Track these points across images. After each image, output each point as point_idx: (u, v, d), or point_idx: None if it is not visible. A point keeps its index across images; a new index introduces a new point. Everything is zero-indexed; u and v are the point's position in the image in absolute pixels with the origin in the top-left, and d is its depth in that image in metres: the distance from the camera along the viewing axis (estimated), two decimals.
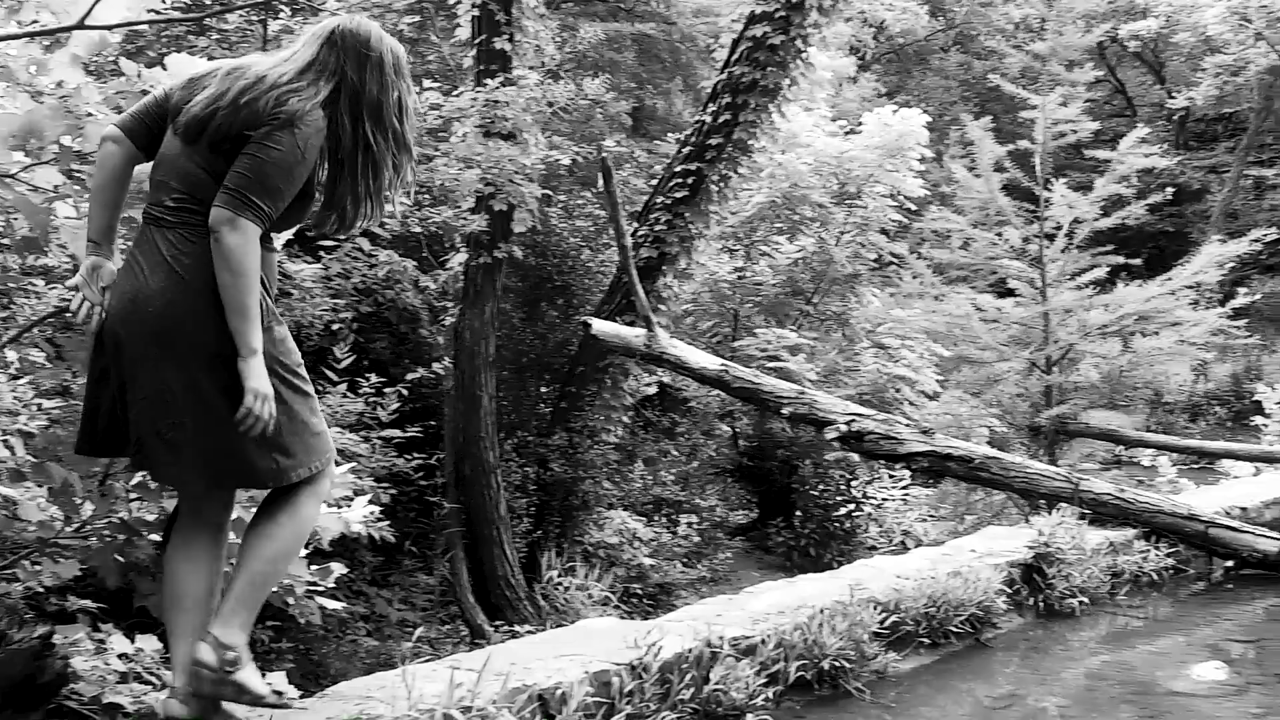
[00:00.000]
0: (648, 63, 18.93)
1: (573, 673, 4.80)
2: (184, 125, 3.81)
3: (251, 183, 3.69)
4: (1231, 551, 8.76)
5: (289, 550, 3.99)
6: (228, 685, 3.78)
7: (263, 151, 3.71)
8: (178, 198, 3.81)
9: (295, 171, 3.80)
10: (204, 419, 3.72)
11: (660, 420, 13.67)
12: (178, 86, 3.94)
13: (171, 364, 3.72)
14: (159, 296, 3.73)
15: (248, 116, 3.74)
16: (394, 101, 4.04)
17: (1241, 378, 27.11)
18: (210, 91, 3.81)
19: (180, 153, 3.84)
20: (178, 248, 3.76)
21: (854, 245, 14.62)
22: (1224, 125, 40.19)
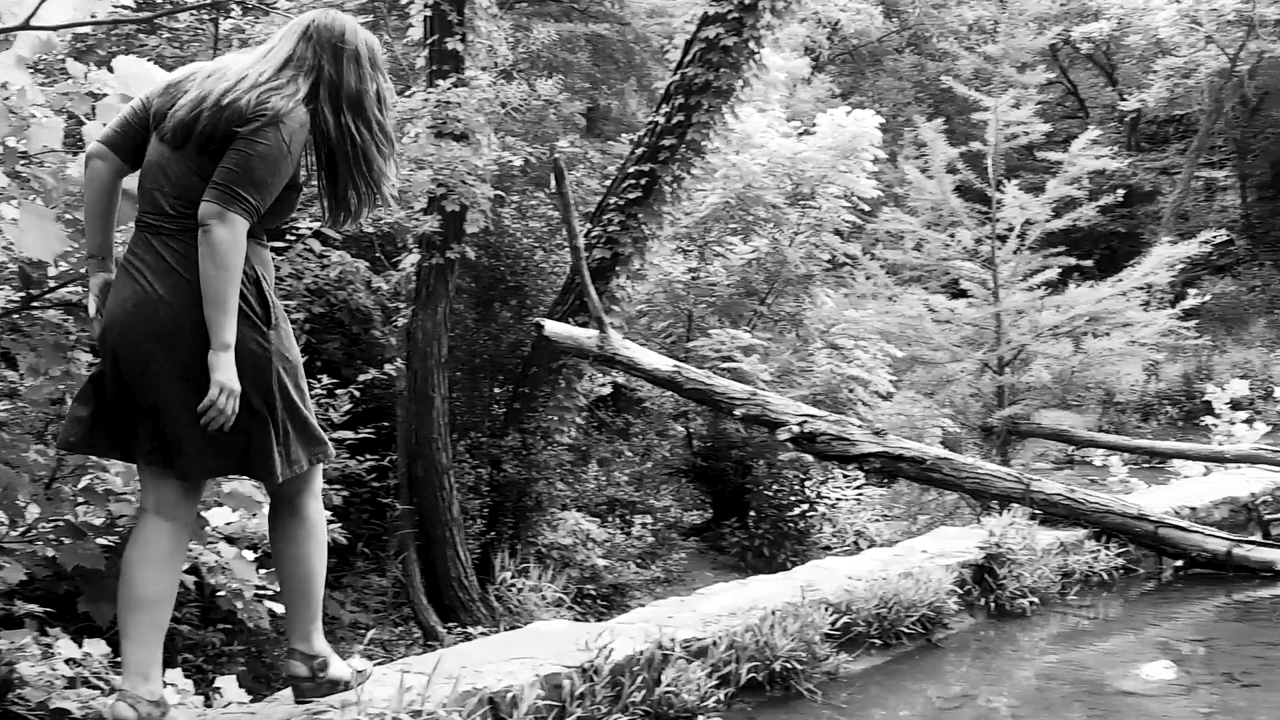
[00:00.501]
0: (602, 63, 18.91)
1: (524, 675, 4.79)
2: (170, 131, 3.87)
3: (239, 177, 3.74)
4: (1181, 551, 8.82)
5: (320, 555, 4.17)
6: (324, 685, 4.16)
7: (249, 147, 3.76)
8: (174, 204, 3.86)
9: (280, 165, 3.84)
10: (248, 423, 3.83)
11: (614, 421, 13.66)
12: (156, 93, 4.00)
13: (182, 365, 3.79)
14: (166, 300, 3.81)
15: (231, 116, 3.78)
16: (373, 93, 4.09)
17: (1193, 378, 27.32)
18: (192, 95, 3.87)
19: (170, 159, 3.89)
20: (182, 253, 3.82)
21: (808, 246, 14.64)
22: (1175, 127, 40.50)
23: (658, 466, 13.59)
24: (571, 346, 8.69)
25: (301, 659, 4.17)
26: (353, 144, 4.05)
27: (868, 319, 14.60)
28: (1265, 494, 10.73)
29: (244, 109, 3.80)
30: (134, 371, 3.84)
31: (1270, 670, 6.51)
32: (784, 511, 13.51)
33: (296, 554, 4.14)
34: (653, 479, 13.37)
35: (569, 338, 8.57)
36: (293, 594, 4.19)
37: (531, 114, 12.50)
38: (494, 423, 11.16)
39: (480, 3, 9.35)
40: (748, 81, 10.10)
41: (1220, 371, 26.53)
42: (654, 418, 13.89)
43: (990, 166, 13.79)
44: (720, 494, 14.27)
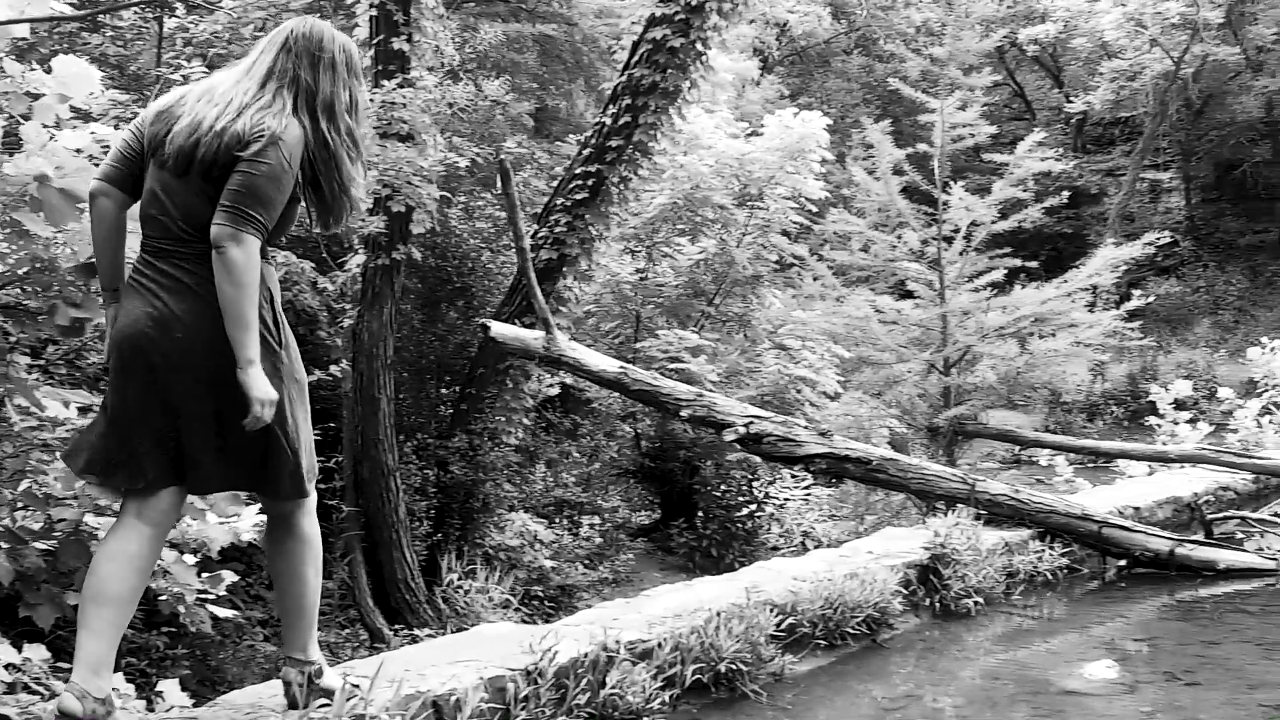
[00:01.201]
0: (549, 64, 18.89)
1: (468, 679, 4.78)
2: (172, 158, 3.98)
3: (246, 197, 3.85)
4: (1125, 551, 8.90)
5: (315, 569, 4.29)
6: (317, 692, 4.27)
7: (253, 168, 3.87)
8: (182, 229, 3.98)
9: (284, 182, 3.96)
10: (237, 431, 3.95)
11: (562, 422, 13.64)
12: (147, 121, 4.12)
13: (199, 383, 3.94)
14: (180, 319, 3.92)
15: (230, 142, 3.90)
16: (345, 99, 4.22)
17: (1138, 378, 27.55)
18: (186, 121, 3.99)
19: (173, 186, 4.00)
20: (194, 275, 3.95)
21: (755, 247, 14.66)
22: (1120, 129, 40.83)
23: (605, 467, 13.58)
24: (518, 348, 8.68)
25: (297, 666, 4.29)
26: (324, 148, 4.15)
27: (815, 320, 14.62)
28: (1208, 493, 10.83)
29: (242, 134, 3.91)
30: (148, 388, 3.94)
31: (1212, 669, 6.57)
32: (732, 512, 13.52)
33: (293, 569, 4.25)
34: (600, 480, 13.36)
35: (515, 339, 8.56)
36: (289, 606, 4.29)
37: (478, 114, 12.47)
38: (441, 424, 11.12)
39: (427, 3, 9.31)
40: (695, 83, 10.09)
41: (1165, 371, 26.74)
42: (602, 418, 13.87)
43: (936, 168, 13.86)
44: (668, 494, 14.28)
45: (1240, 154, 37.44)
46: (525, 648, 5.12)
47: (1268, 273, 35.63)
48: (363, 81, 4.40)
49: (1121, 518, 9.34)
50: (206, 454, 4.00)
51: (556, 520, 12.48)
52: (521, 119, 15.93)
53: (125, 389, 4.00)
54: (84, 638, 3.88)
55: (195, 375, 3.94)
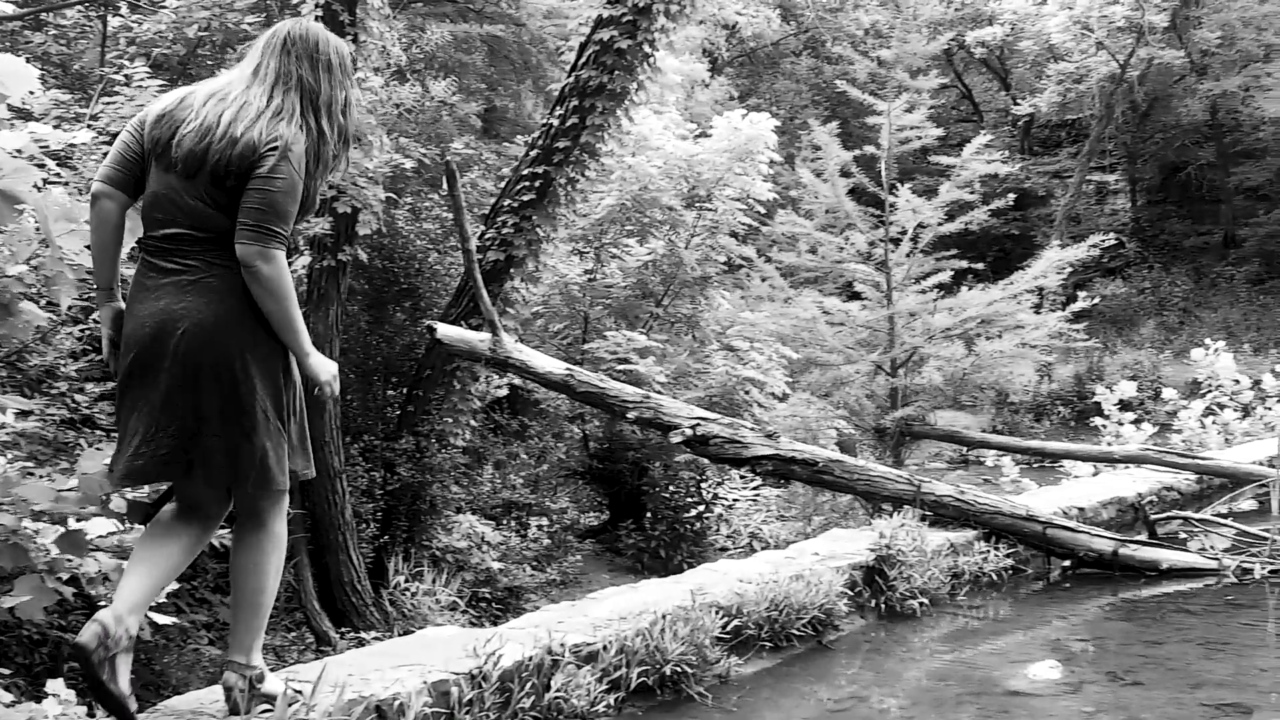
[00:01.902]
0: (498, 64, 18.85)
1: (411, 683, 4.76)
2: (182, 161, 4.11)
3: (268, 214, 4.04)
4: (1069, 551, 8.95)
5: (275, 570, 4.35)
6: (259, 698, 4.29)
7: (269, 185, 4.04)
8: (189, 232, 4.13)
9: (298, 191, 4.14)
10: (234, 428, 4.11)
11: (510, 423, 13.61)
12: (148, 124, 4.24)
13: (208, 379, 4.07)
14: (188, 318, 4.06)
15: (245, 150, 4.06)
16: (342, 98, 4.41)
17: (1084, 378, 27.73)
18: (196, 125, 4.13)
19: (179, 188, 4.13)
20: (200, 273, 4.11)
21: (704, 248, 14.67)
22: (1067, 131, 41.13)
23: (554, 468, 13.56)
24: (464, 350, 8.66)
25: (239, 671, 4.30)
26: (323, 147, 4.33)
27: (763, 321, 14.65)
28: (1151, 494, 10.92)
29: (257, 141, 4.08)
30: (160, 386, 4.08)
31: (1153, 669, 6.61)
32: (680, 513, 13.52)
33: (254, 563, 4.31)
34: (549, 481, 13.34)
35: (462, 341, 8.54)
36: (242, 604, 4.33)
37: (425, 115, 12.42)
38: (388, 426, 11.08)
39: (373, 3, 9.25)
40: (642, 84, 10.08)
41: (1111, 372, 26.91)
42: (550, 420, 13.85)
43: (883, 170, 13.92)
44: (617, 495, 14.27)
45: (1185, 156, 37.79)
46: (469, 651, 5.10)
47: (1212, 274, 35.96)
48: (354, 81, 4.64)
49: (1066, 518, 9.41)
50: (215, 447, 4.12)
51: (504, 522, 12.45)
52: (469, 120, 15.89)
53: (143, 392, 4.12)
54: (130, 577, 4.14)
55: (187, 369, 4.06)
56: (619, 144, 10.97)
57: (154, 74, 8.18)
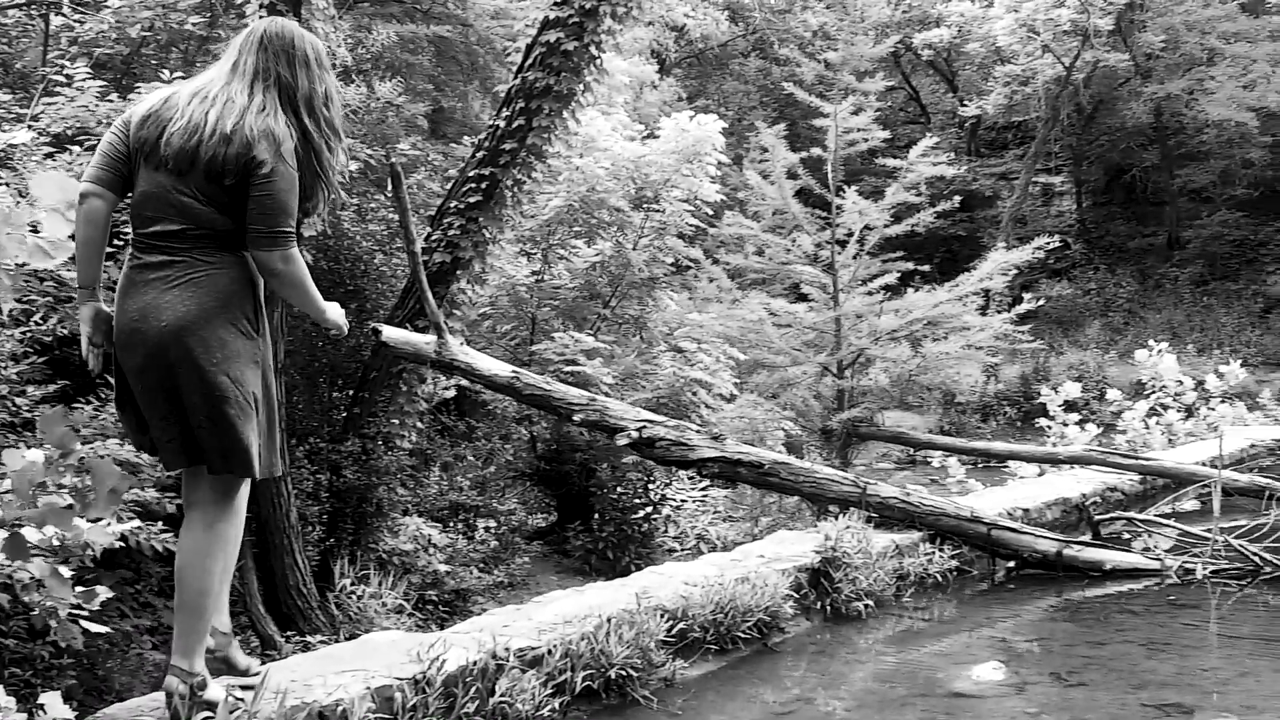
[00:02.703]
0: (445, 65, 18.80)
1: (355, 689, 4.75)
2: (172, 159, 4.33)
3: (274, 217, 4.32)
4: (1013, 552, 9.02)
5: (222, 571, 4.50)
6: (200, 705, 4.32)
7: (269, 187, 4.31)
8: (180, 228, 4.35)
9: (295, 183, 4.41)
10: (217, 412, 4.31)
11: (457, 425, 13.56)
12: (133, 125, 4.45)
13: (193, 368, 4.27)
14: (169, 311, 4.28)
15: (240, 146, 4.30)
16: (322, 92, 4.63)
17: (1030, 379, 27.90)
18: (183, 123, 4.35)
19: (169, 186, 4.35)
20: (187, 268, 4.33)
21: (652, 249, 14.66)
22: (1014, 133, 41.42)
23: (501, 470, 13.51)
24: (409, 352, 8.62)
25: (181, 676, 4.34)
26: (306, 139, 4.52)
27: (711, 322, 14.66)
28: (1095, 494, 11.01)
29: (250, 137, 4.32)
30: (150, 377, 4.31)
31: (1097, 669, 6.67)
32: (628, 514, 13.50)
33: (199, 564, 4.40)
34: (496, 483, 13.29)
35: (406, 343, 8.51)
36: (184, 606, 4.40)
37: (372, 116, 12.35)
38: (333, 428, 11.00)
39: (317, 3, 9.19)
40: (589, 86, 10.05)
41: (1057, 373, 27.10)
42: (498, 421, 13.80)
43: (830, 172, 13.96)
44: (565, 497, 14.24)
45: (1130, 159, 38.10)
46: (413, 656, 5.10)
47: (1156, 275, 36.25)
48: (331, 74, 4.79)
49: (1010, 519, 9.47)
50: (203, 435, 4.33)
51: (451, 524, 12.40)
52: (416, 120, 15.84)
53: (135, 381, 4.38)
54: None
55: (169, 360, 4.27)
56: (566, 146, 10.93)
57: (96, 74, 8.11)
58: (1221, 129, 32.52)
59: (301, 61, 4.58)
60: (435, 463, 12.59)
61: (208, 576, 4.40)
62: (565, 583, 11.14)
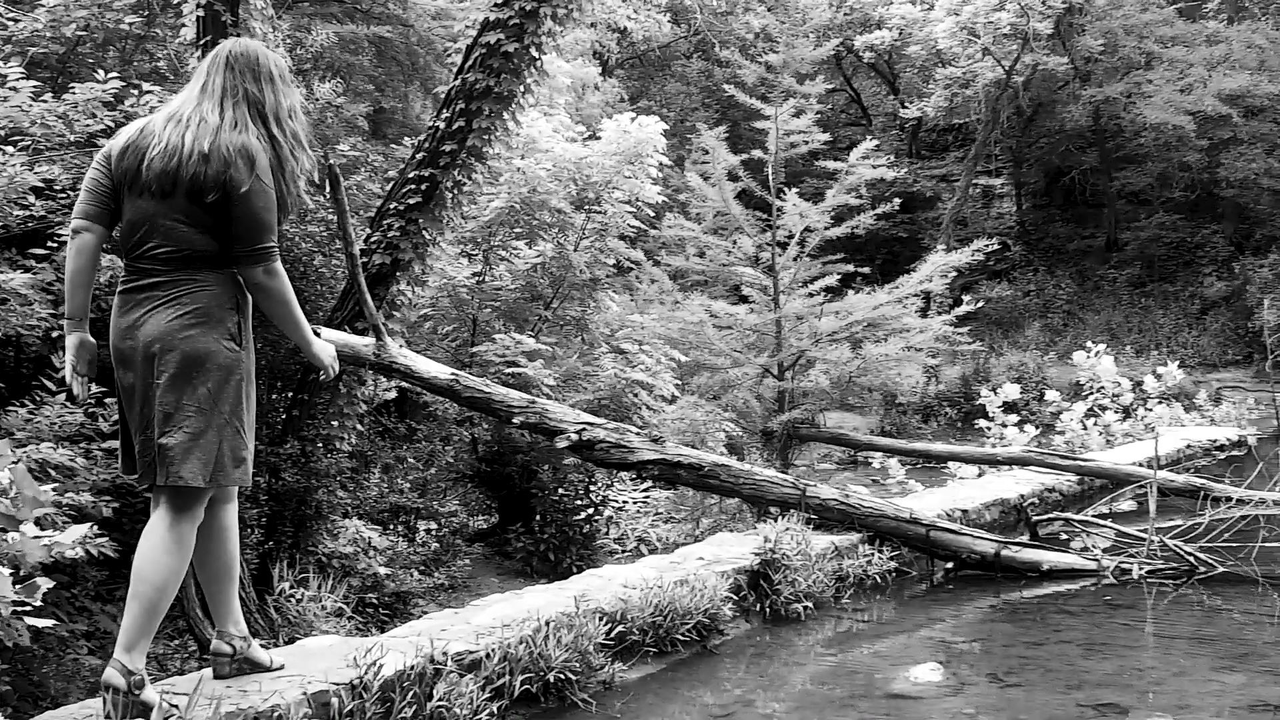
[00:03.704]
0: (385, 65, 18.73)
1: (291, 694, 4.73)
2: (155, 182, 4.54)
3: (256, 232, 4.57)
4: (952, 553, 9.08)
5: (176, 574, 4.62)
6: (136, 704, 4.36)
7: (248, 205, 4.53)
8: (167, 251, 4.56)
9: (272, 199, 4.64)
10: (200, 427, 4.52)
11: (398, 427, 13.51)
12: (114, 158, 4.66)
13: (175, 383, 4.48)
14: (154, 325, 4.50)
15: (218, 164, 4.51)
16: (287, 105, 4.85)
17: (970, 380, 28.05)
18: (162, 147, 4.56)
19: (155, 211, 4.56)
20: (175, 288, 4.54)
21: (593, 251, 14.64)
22: (954, 135, 41.65)
23: (442, 472, 13.46)
24: (348, 354, 8.58)
25: (123, 671, 4.40)
26: (276, 151, 4.74)
27: (652, 324, 14.67)
28: (1033, 495, 11.10)
29: (227, 155, 4.52)
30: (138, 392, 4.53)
31: (1034, 669, 6.72)
32: (569, 516, 13.48)
33: (158, 561, 4.55)
34: (437, 485, 13.24)
35: (345, 345, 8.46)
36: (136, 598, 4.53)
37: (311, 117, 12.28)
38: (273, 430, 10.93)
39: (255, 3, 9.14)
40: (529, 88, 10.02)
41: (997, 374, 27.27)
42: (439, 423, 13.76)
43: (771, 174, 13.99)
44: (506, 499, 14.20)
45: (1069, 161, 38.37)
46: (350, 661, 5.08)
47: (1095, 277, 36.55)
48: (295, 88, 5.02)
49: (950, 520, 9.53)
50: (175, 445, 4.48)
51: (392, 527, 12.35)
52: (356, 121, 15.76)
53: (127, 395, 4.61)
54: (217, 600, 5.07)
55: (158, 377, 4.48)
56: (506, 147, 10.90)
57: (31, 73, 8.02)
58: (1159, 132, 32.78)
59: (267, 77, 4.80)
60: (376, 465, 12.54)
61: (165, 572, 4.56)
62: (506, 584, 11.13)
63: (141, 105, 7.90)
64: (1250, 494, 10.42)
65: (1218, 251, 34.84)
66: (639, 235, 16.25)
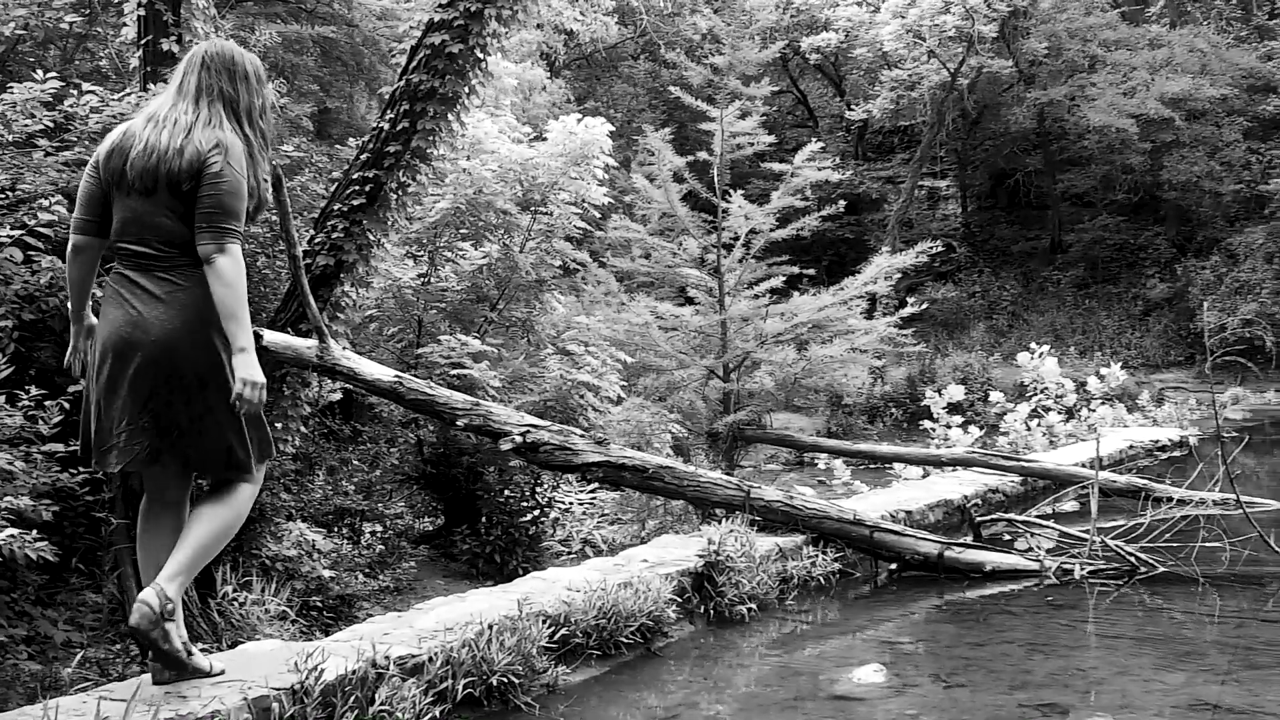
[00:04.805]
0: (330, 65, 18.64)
1: (231, 700, 4.71)
2: (138, 180, 4.83)
3: (219, 214, 4.74)
4: (896, 554, 9.12)
5: (228, 529, 5.02)
6: (159, 628, 4.72)
7: (216, 188, 4.75)
8: (157, 246, 4.85)
9: (242, 189, 4.85)
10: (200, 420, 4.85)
11: (343, 428, 13.44)
12: (102, 163, 4.94)
13: (173, 379, 4.78)
14: (158, 326, 4.75)
15: (192, 158, 4.77)
16: (259, 105, 5.14)
17: (916, 380, 28.20)
18: (141, 147, 4.84)
19: (143, 208, 4.85)
20: (170, 286, 4.82)
21: (539, 252, 14.60)
22: (900, 137, 41.86)
23: (388, 474, 13.40)
24: (291, 357, 8.55)
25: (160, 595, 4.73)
26: (249, 146, 4.98)
27: (598, 325, 14.65)
28: (977, 496, 11.17)
29: (200, 148, 4.79)
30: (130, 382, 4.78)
31: (976, 670, 6.75)
32: (515, 517, 13.44)
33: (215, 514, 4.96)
34: (383, 487, 13.18)
35: (288, 348, 8.43)
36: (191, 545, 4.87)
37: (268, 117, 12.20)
38: None
39: (198, 3, 9.09)
40: (474, 89, 10.00)
41: (942, 375, 27.40)
42: (384, 425, 13.70)
43: (716, 176, 14.00)
44: (452, 500, 14.14)
45: (1014, 163, 38.65)
46: (291, 666, 5.05)
47: (1039, 278, 36.81)
48: (266, 86, 5.27)
49: (894, 521, 9.58)
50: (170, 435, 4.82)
51: (336, 529, 12.28)
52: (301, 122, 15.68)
53: (111, 383, 4.81)
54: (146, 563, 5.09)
55: (168, 371, 4.76)
56: (451, 148, 10.88)
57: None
58: (1103, 135, 33.05)
59: (242, 76, 5.07)
60: (320, 467, 12.47)
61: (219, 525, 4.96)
62: (452, 587, 11.10)
63: (81, 105, 7.85)
64: (1191, 494, 10.52)
65: (1160, 253, 35.15)
66: (585, 237, 16.23)
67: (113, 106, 8.05)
